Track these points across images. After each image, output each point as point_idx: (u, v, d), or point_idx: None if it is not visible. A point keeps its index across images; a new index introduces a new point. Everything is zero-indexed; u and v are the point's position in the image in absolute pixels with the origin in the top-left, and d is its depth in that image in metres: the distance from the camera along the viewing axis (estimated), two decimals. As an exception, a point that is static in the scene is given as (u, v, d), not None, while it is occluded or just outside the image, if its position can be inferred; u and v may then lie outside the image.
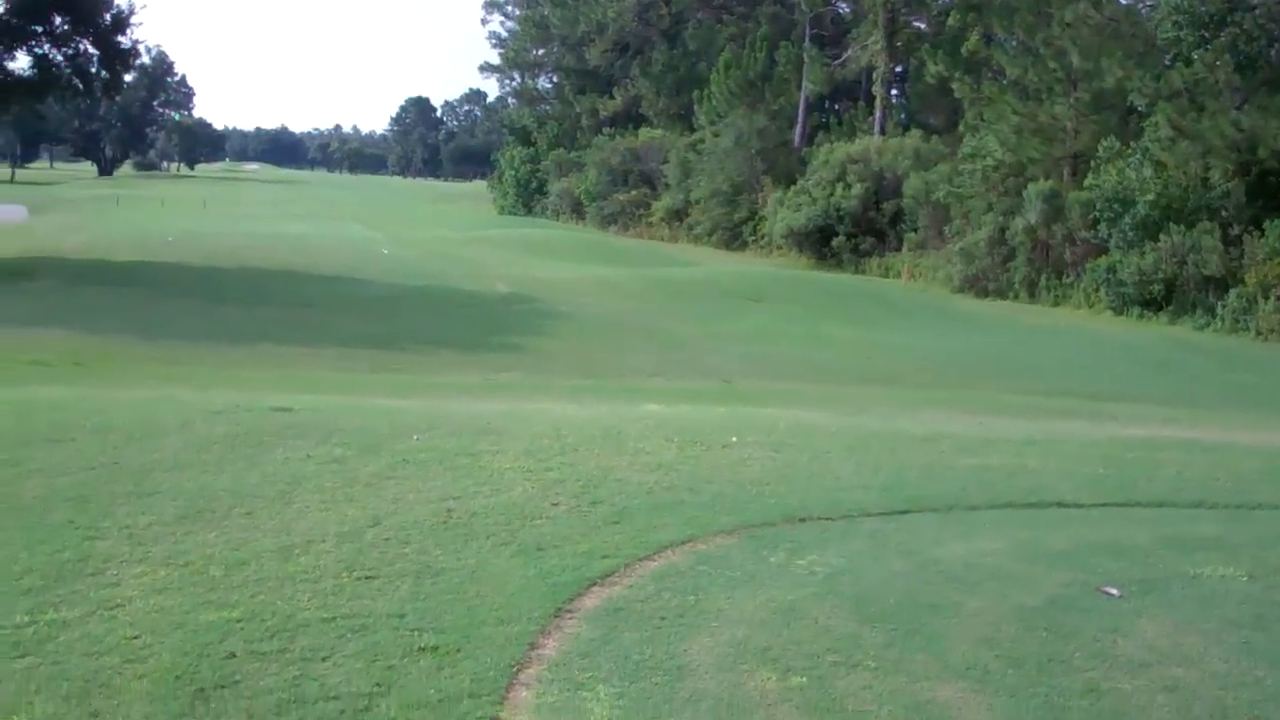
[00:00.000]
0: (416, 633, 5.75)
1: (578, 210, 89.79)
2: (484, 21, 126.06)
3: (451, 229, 67.80)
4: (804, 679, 5.42)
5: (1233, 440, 13.72)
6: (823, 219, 58.74)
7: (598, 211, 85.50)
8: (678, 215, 76.18)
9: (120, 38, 35.89)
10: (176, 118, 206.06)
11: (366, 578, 6.53)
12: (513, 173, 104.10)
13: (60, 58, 35.49)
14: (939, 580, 6.95)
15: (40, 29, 34.58)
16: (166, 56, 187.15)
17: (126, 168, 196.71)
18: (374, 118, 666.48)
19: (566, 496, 8.46)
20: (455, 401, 15.46)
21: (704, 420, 13.18)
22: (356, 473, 8.93)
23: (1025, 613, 6.43)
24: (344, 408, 12.47)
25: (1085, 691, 5.42)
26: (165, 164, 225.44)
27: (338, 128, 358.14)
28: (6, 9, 34.37)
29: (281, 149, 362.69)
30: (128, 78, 41.54)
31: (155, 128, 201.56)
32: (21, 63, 35.55)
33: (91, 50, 35.92)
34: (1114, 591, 6.89)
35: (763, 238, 66.14)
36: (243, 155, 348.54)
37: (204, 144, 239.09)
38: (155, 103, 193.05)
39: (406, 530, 7.45)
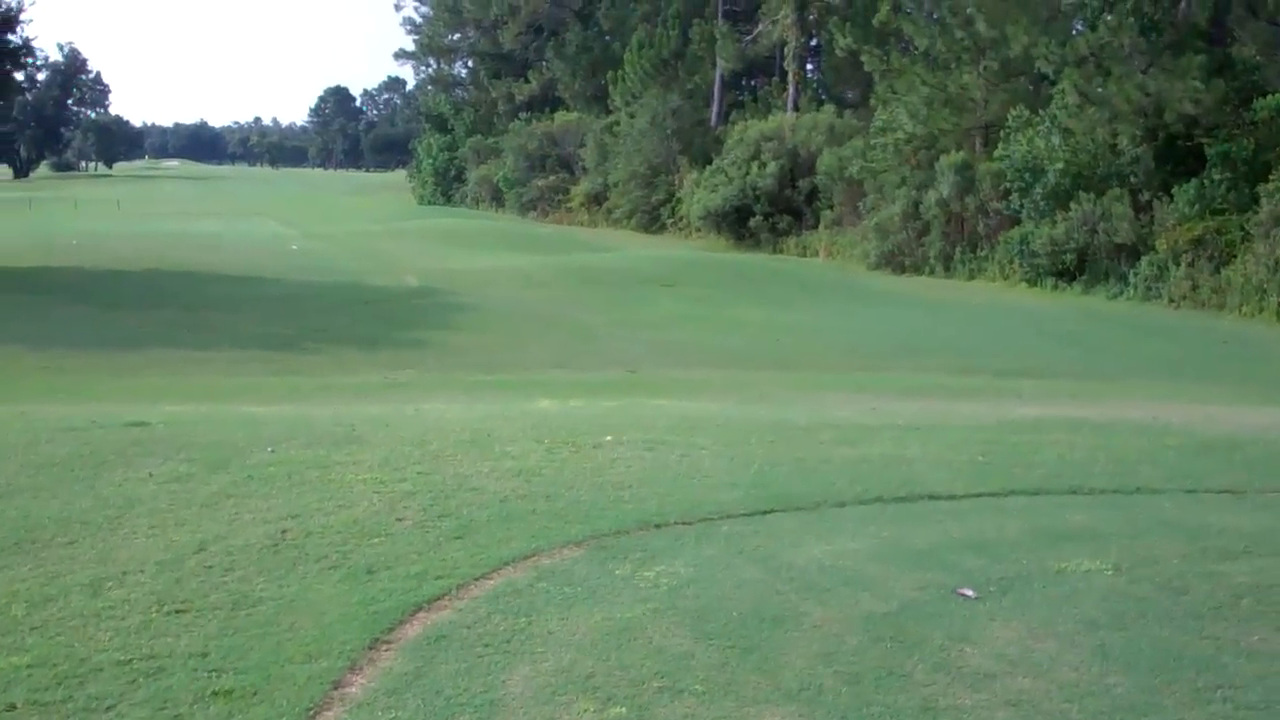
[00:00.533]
0: (215, 674, 5.33)
1: (497, 198, 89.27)
2: (398, 7, 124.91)
3: (368, 222, 67.11)
4: (624, 709, 5.06)
5: (1121, 417, 13.54)
6: (739, 199, 58.50)
7: (517, 198, 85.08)
8: (597, 199, 75.86)
9: (10, 36, 34.84)
10: (93, 116, 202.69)
11: (177, 611, 6.09)
12: (430, 161, 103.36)
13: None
14: (789, 588, 6.62)
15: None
16: (79, 54, 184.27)
17: (44, 168, 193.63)
18: (294, 109, 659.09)
19: (414, 510, 8.07)
20: (337, 405, 15.04)
21: (586, 417, 12.86)
22: (195, 492, 8.49)
23: (874, 621, 6.12)
24: (205, 419, 12.00)
25: (921, 709, 5.10)
26: (83, 164, 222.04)
27: (258, 120, 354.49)
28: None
29: (201, 144, 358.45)
30: (19, 76, 40.16)
31: (70, 127, 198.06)
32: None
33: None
34: (970, 593, 6.59)
35: (681, 220, 65.92)
36: (162, 152, 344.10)
37: (121, 142, 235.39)
38: (69, 101, 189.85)
39: (233, 556, 7.02)
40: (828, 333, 29.72)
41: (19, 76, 38.50)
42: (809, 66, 77.32)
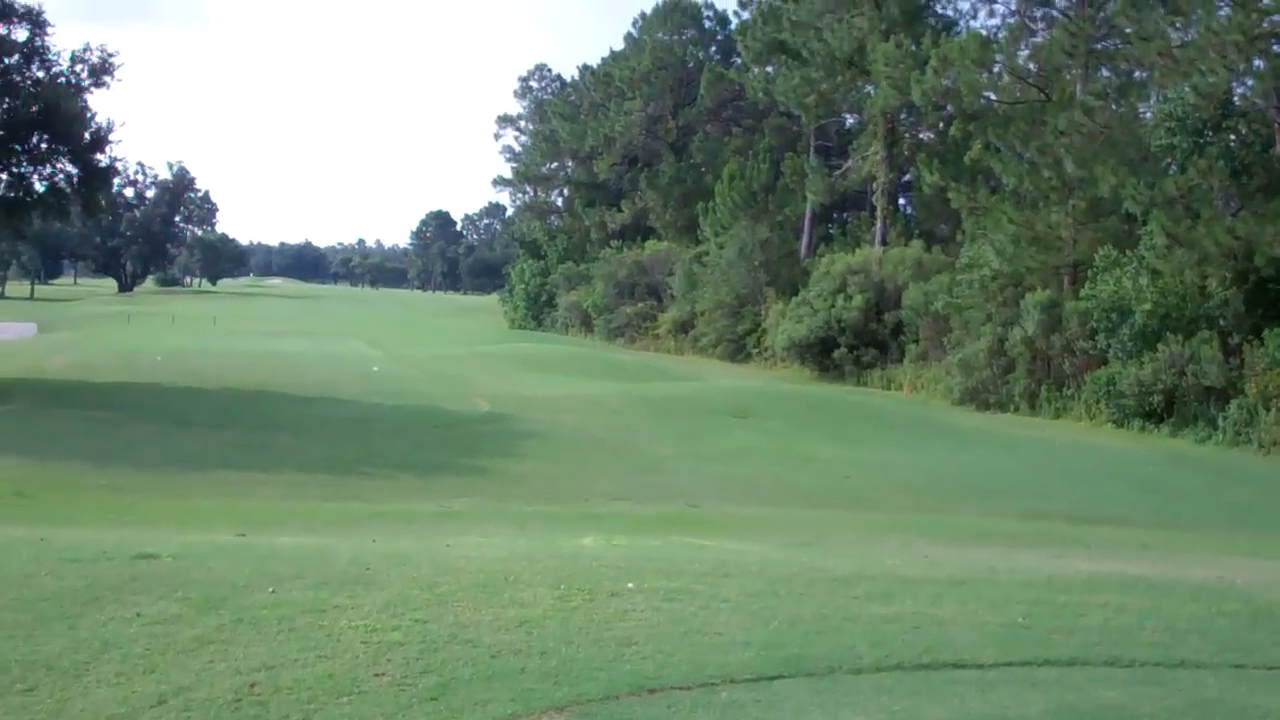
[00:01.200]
0: None
1: (586, 324, 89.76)
2: (497, 136, 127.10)
3: (454, 344, 67.48)
4: None
5: (1183, 576, 12.77)
6: (824, 331, 58.27)
7: (605, 325, 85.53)
8: (684, 327, 76.01)
9: (99, 155, 35.66)
10: (199, 233, 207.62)
11: (111, 774, 5.70)
12: (523, 286, 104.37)
13: (38, 177, 35.39)
14: (774, 771, 6.07)
15: (18, 148, 34.43)
16: (187, 173, 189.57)
17: (149, 283, 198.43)
18: (396, 232, 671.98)
19: (397, 664, 7.60)
20: (377, 535, 14.66)
21: (620, 558, 12.34)
22: (177, 636, 8.09)
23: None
24: (218, 552, 11.65)
25: None
26: (188, 279, 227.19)
27: (361, 242, 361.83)
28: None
29: (305, 264, 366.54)
30: (106, 193, 41.11)
31: (176, 243, 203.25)
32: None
33: (70, 169, 35.81)
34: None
35: (766, 350, 65.70)
36: (267, 270, 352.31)
37: (227, 259, 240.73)
38: (176, 218, 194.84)
39: (190, 712, 6.60)
40: (898, 470, 28.99)
41: (106, 194, 38.80)
42: (901, 200, 77.46)
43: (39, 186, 35.72)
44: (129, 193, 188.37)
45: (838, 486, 26.32)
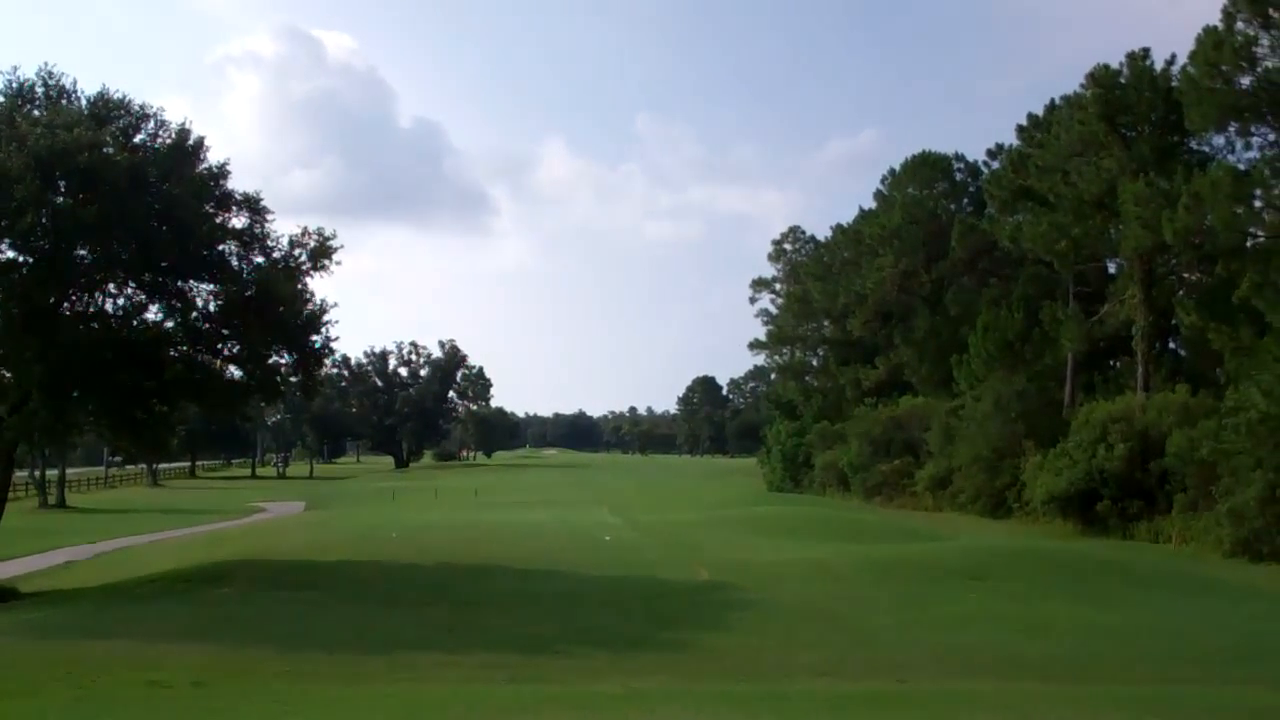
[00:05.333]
0: None
1: (843, 482, 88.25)
2: (753, 300, 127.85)
3: (700, 508, 66.88)
4: None
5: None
6: (1085, 482, 55.32)
7: (861, 483, 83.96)
8: (941, 483, 73.66)
9: (314, 337, 36.74)
10: (474, 408, 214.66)
11: None
12: (779, 447, 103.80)
13: (254, 363, 36.59)
14: None
15: (231, 332, 35.87)
16: (459, 351, 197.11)
17: (426, 458, 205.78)
18: (665, 398, 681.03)
19: None
20: None
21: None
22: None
23: None
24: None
25: None
26: (464, 453, 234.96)
27: (632, 410, 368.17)
28: (207, 319, 35.90)
29: (579, 433, 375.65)
30: (323, 373, 42.38)
31: (450, 419, 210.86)
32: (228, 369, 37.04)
33: (287, 354, 36.98)
34: None
35: (1026, 504, 62.90)
36: (542, 441, 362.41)
37: (501, 432, 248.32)
38: (450, 395, 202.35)
39: None
40: (1147, 635, 26.54)
41: (318, 376, 40.02)
42: (1170, 343, 73.95)
43: (254, 370, 36.90)
44: (403, 372, 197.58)
45: (1073, 655, 24.18)
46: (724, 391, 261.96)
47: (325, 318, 36.77)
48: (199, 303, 36.16)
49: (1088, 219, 63.10)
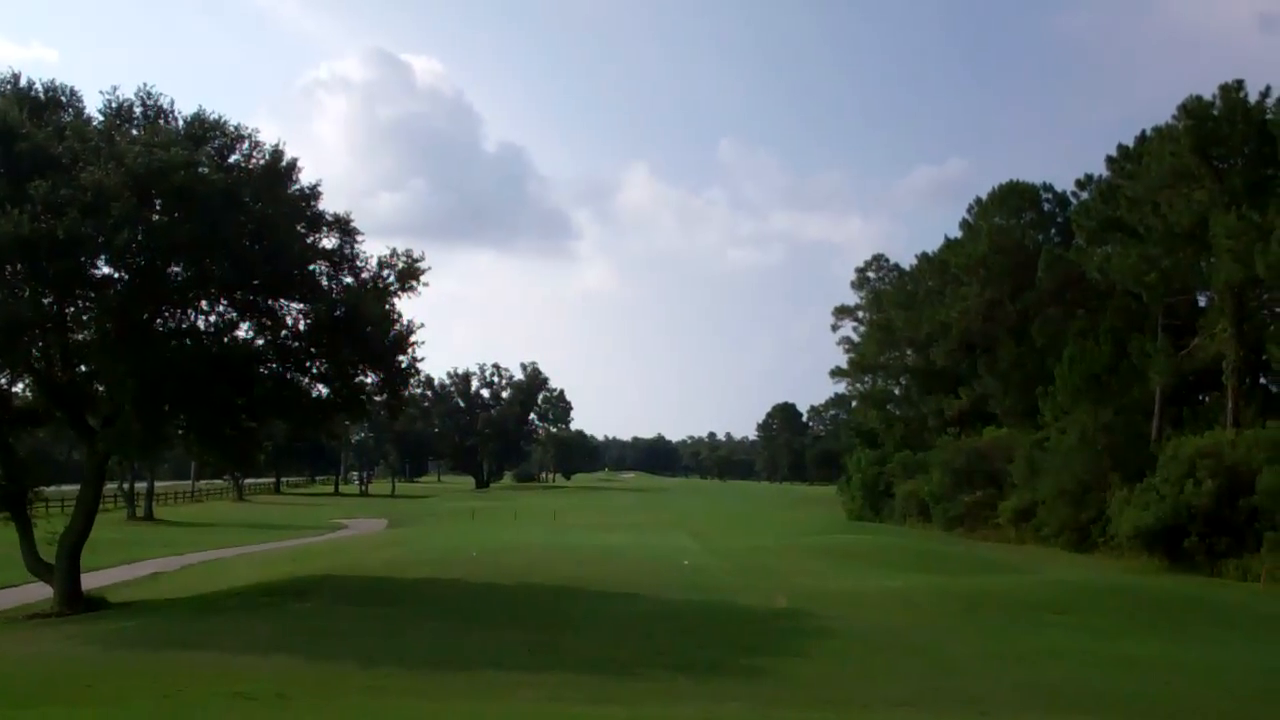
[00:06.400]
0: None
1: (924, 513, 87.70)
2: (834, 328, 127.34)
3: (780, 536, 66.59)
4: None
5: None
6: (1172, 518, 54.46)
7: (943, 514, 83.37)
8: (1024, 516, 72.91)
9: (400, 357, 37.01)
10: (554, 430, 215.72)
11: None
12: (860, 476, 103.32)
13: (340, 380, 36.95)
14: None
15: (318, 350, 36.27)
16: (540, 373, 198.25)
17: (506, 479, 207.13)
18: (743, 424, 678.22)
19: None
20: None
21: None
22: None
23: None
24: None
25: None
26: (543, 474, 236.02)
27: (711, 435, 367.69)
28: (296, 337, 36.36)
29: (657, 457, 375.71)
30: (408, 393, 42.70)
31: (530, 441, 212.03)
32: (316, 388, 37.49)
33: (373, 374, 37.30)
34: None
35: (1112, 539, 62.02)
36: (620, 464, 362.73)
37: (580, 455, 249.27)
38: (530, 416, 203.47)
39: None
40: (1229, 673, 26.04)
41: (404, 395, 40.34)
42: (1261, 378, 72.70)
43: (341, 388, 37.27)
44: (485, 393, 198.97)
45: (1157, 693, 23.78)
46: (804, 418, 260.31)
47: (412, 338, 37.04)
48: (289, 321, 36.65)
49: (1178, 251, 62.34)
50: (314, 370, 36.99)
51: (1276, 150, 54.54)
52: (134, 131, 34.03)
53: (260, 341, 36.86)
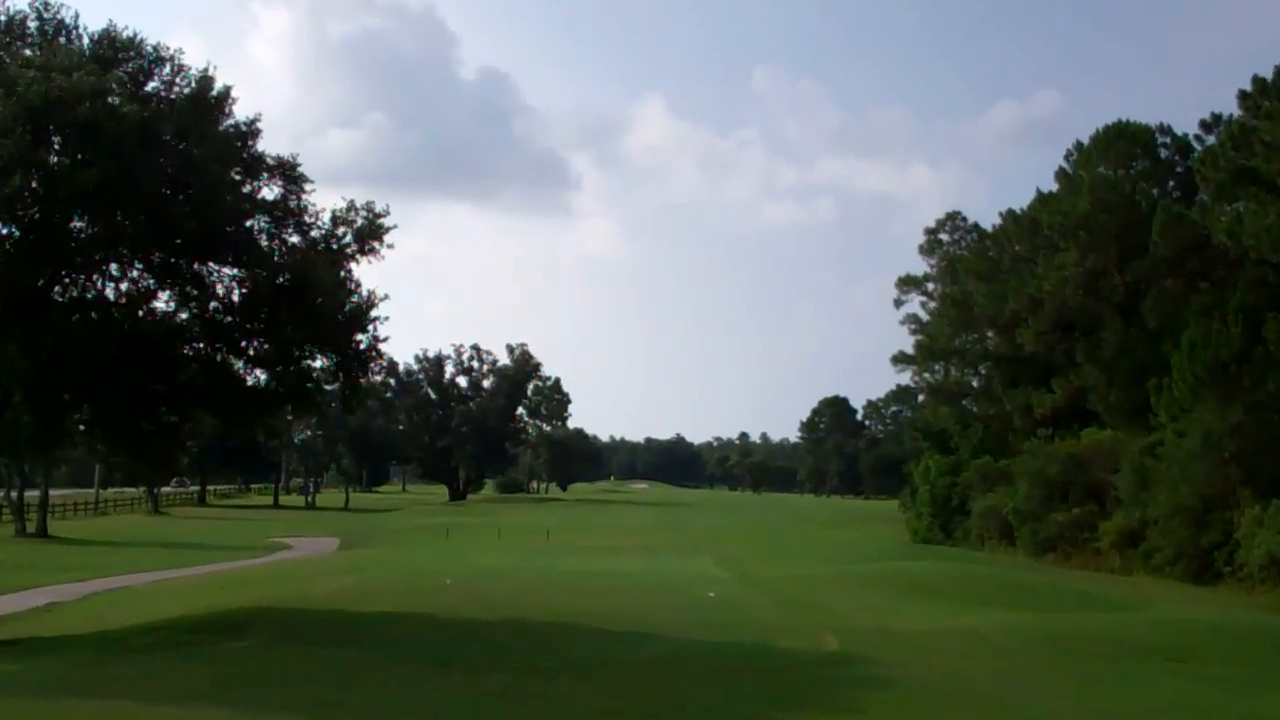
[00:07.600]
0: None
1: (1007, 534, 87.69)
2: (898, 303, 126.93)
3: (828, 562, 66.70)
4: None
5: None
6: (1319, 544, 54.63)
7: (1030, 535, 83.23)
8: (1132, 539, 72.94)
9: (359, 336, 36.84)
10: (546, 429, 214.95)
11: None
12: (928, 488, 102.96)
13: (285, 366, 36.85)
14: None
15: (258, 326, 36.21)
16: (531, 358, 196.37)
17: (489, 488, 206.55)
18: (784, 424, 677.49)
19: None
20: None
21: None
22: None
23: None
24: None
25: None
26: (533, 484, 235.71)
27: (743, 437, 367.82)
28: (228, 310, 36.31)
29: (675, 463, 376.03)
30: (369, 381, 42.67)
31: (518, 442, 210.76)
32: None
33: (323, 357, 37.11)
34: None
35: (1241, 568, 62.09)
36: (630, 472, 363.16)
37: (580, 459, 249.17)
38: (519, 411, 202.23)
39: None
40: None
41: (369, 381, 40.26)
42: None
43: (285, 374, 37.20)
44: (462, 382, 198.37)
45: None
46: (859, 416, 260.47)
47: (373, 312, 36.89)
48: (220, 290, 36.65)
49: (1328, 211, 62.30)
50: (250, 352, 37.00)
51: None
52: (27, 52, 33.96)
53: (183, 315, 36.88)
